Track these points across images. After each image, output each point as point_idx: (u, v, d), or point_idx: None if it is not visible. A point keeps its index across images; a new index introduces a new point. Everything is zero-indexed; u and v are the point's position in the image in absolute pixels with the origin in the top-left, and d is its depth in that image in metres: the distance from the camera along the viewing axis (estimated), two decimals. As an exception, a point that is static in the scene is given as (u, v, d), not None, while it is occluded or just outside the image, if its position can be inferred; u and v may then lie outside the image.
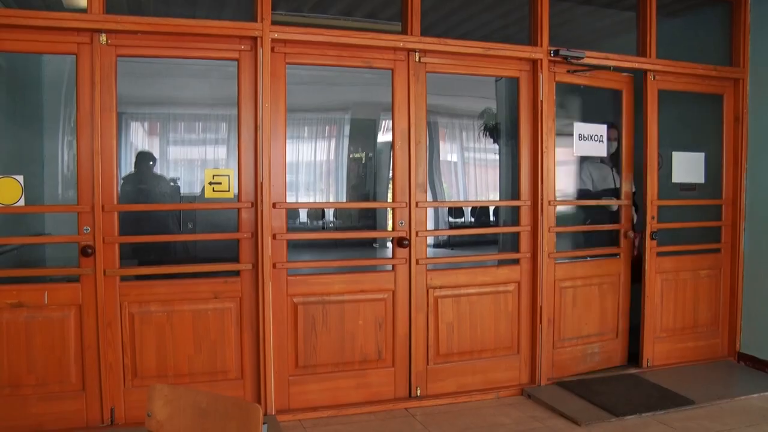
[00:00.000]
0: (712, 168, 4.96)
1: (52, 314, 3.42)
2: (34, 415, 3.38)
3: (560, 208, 4.50)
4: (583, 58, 4.34)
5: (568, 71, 4.42)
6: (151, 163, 4.41)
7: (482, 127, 5.29)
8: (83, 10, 3.45)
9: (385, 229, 4.29)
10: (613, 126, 4.66)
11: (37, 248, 4.07)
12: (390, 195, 4.04)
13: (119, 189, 3.57)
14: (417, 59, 3.99)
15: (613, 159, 4.71)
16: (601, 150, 4.65)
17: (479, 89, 5.07)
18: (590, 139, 4.57)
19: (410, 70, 3.99)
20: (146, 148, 4.69)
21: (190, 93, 4.46)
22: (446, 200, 5.44)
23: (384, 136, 5.00)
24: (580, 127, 4.53)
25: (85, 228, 3.45)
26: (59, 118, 4.42)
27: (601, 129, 4.61)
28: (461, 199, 5.73)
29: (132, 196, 4.13)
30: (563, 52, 4.26)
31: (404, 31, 4.00)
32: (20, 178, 3.39)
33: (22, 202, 3.39)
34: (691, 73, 4.72)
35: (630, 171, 4.76)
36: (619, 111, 4.75)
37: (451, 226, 5.60)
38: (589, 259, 4.66)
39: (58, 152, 4.45)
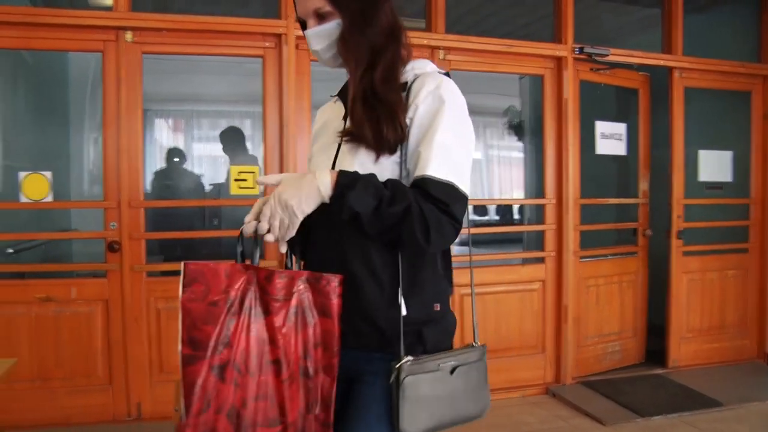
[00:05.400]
0: (740, 166, 4.89)
1: (79, 309, 3.45)
2: (63, 407, 3.41)
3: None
4: (607, 55, 4.31)
5: (591, 69, 4.39)
6: (180, 159, 4.43)
7: (506, 125, 5.26)
8: (109, 8, 3.49)
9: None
10: None
11: (63, 244, 4.11)
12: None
13: (150, 184, 3.59)
14: (441, 57, 3.98)
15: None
16: (620, 148, 4.64)
17: (503, 87, 5.04)
18: (611, 137, 4.59)
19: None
20: (172, 144, 4.71)
21: (215, 90, 4.48)
22: (470, 198, 5.42)
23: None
24: (601, 126, 4.52)
25: (111, 224, 3.47)
26: (85, 114, 4.46)
27: (621, 128, 4.61)
28: (485, 197, 5.69)
29: (161, 192, 4.15)
30: (588, 49, 4.23)
31: (428, 29, 3.99)
32: (48, 174, 3.42)
33: (49, 198, 3.42)
34: (718, 70, 4.66)
35: (647, 169, 4.74)
36: (636, 109, 4.73)
37: (475, 224, 5.57)
38: (610, 257, 4.62)
39: (84, 149, 4.49)
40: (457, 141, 1.40)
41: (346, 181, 1.32)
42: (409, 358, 1.36)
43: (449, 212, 1.34)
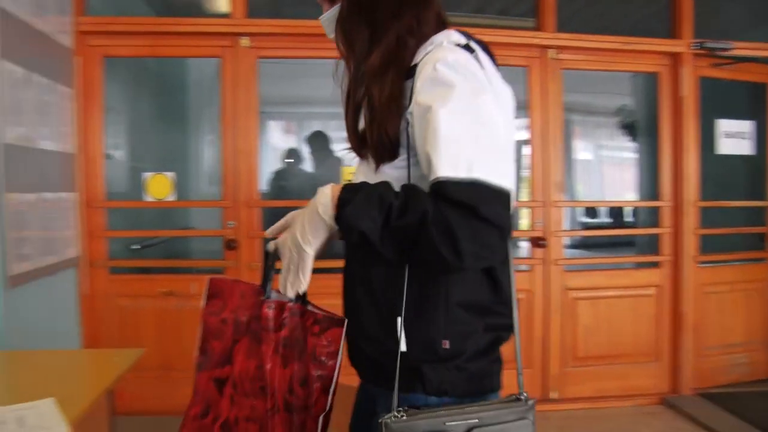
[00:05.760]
0: None
1: (199, 304, 3.58)
2: (182, 396, 3.52)
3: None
4: (730, 49, 4.08)
5: (712, 65, 4.16)
6: (294, 160, 4.55)
7: (618, 125, 5.09)
8: (226, 15, 3.63)
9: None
10: None
11: (182, 241, 4.30)
12: (525, 194, 3.95)
13: (266, 184, 3.68)
14: (552, 56, 3.90)
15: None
16: (747, 148, 4.36)
17: (615, 85, 4.87)
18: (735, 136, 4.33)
19: (546, 67, 3.89)
20: (286, 145, 4.84)
21: (327, 92, 4.55)
22: (582, 200, 5.26)
23: (518, 135, 4.92)
24: (724, 125, 4.27)
25: (229, 223, 3.60)
26: (202, 117, 4.66)
27: (747, 125, 4.33)
28: (595, 198, 5.53)
29: (277, 192, 4.28)
30: (708, 44, 4.01)
31: (538, 28, 3.92)
32: (171, 174, 3.59)
33: (172, 197, 3.59)
34: None
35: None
36: (764, 106, 4.42)
37: (585, 227, 5.40)
38: (733, 263, 4.35)
39: (202, 150, 4.69)
40: (471, 126, 1.06)
41: (346, 196, 1.06)
42: (397, 413, 1.06)
43: (480, 216, 1.00)
